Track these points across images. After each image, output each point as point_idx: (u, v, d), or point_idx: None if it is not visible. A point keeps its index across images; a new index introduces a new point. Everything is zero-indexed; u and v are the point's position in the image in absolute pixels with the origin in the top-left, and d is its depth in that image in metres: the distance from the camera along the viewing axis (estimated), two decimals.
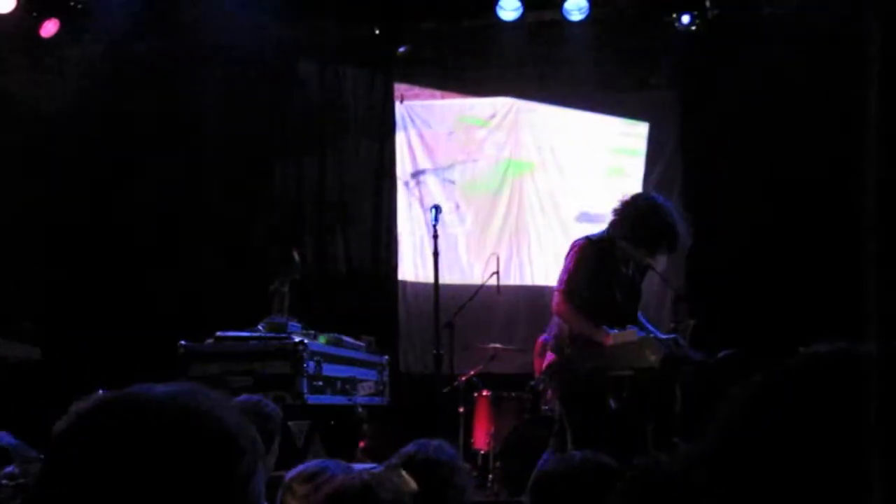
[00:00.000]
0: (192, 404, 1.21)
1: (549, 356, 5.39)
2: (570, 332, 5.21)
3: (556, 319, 5.35)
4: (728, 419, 1.01)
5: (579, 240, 5.34)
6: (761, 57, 8.43)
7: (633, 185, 9.73)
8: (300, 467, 2.19)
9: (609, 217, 5.38)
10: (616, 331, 4.95)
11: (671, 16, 9.13)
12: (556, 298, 5.14)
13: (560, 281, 5.18)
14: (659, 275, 8.10)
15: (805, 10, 8.17)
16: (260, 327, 5.42)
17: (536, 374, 7.72)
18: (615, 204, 5.38)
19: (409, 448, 3.18)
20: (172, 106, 8.58)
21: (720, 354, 5.24)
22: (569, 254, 5.27)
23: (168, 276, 8.35)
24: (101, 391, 3.65)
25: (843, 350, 1.01)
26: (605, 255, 5.27)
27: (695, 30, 9.12)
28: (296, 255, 6.06)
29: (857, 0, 6.32)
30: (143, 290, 8.32)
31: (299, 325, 5.54)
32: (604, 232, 5.37)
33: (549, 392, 7.17)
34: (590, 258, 5.20)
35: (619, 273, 5.35)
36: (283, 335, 5.30)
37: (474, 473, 7.00)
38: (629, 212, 5.22)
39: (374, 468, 2.44)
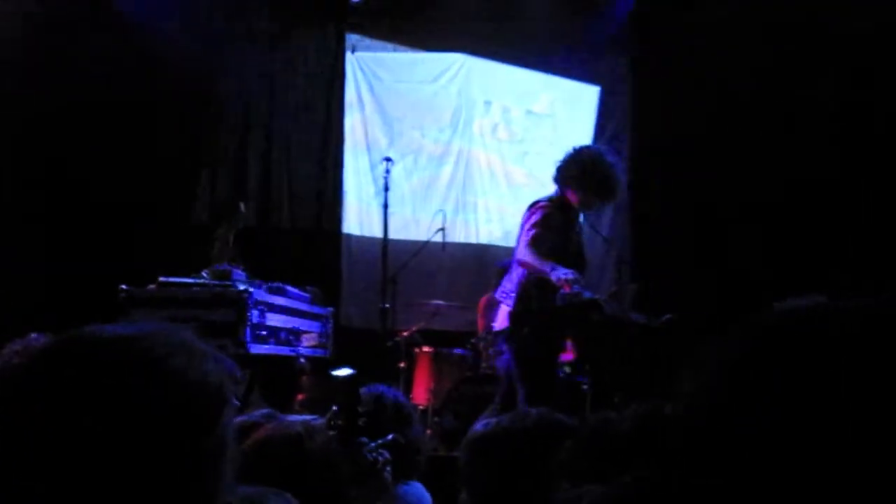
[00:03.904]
0: (150, 350, 1.18)
1: (504, 318, 5.42)
2: (527, 291, 5.29)
3: (513, 276, 5.39)
4: (710, 386, 0.89)
5: (541, 201, 5.43)
6: (713, 22, 8.47)
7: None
8: (255, 413, 2.17)
9: (554, 174, 5.47)
10: (567, 274, 4.98)
11: None
12: (522, 248, 5.19)
13: (526, 232, 5.23)
14: (603, 238, 8.17)
15: None
16: (204, 274, 5.34)
17: (479, 332, 7.76)
18: (560, 159, 5.47)
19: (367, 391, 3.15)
20: (119, 51, 8.32)
21: (662, 318, 5.32)
22: (533, 212, 5.34)
23: (111, 221, 8.17)
24: (33, 335, 3.57)
25: (827, 307, 0.87)
26: (565, 214, 5.39)
27: None
28: (242, 206, 5.98)
29: None
30: (85, 235, 8.13)
31: (244, 273, 5.47)
32: (556, 192, 5.44)
33: (491, 351, 7.22)
34: (554, 216, 5.30)
35: (572, 236, 5.46)
36: (228, 283, 5.23)
37: None
38: (577, 162, 5.36)
39: (313, 419, 2.42)
